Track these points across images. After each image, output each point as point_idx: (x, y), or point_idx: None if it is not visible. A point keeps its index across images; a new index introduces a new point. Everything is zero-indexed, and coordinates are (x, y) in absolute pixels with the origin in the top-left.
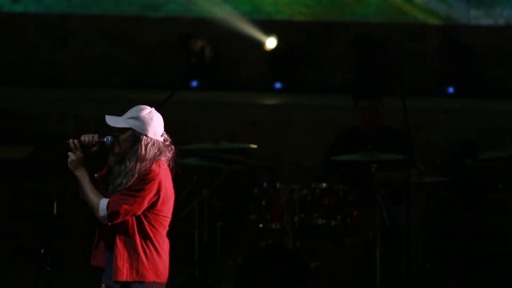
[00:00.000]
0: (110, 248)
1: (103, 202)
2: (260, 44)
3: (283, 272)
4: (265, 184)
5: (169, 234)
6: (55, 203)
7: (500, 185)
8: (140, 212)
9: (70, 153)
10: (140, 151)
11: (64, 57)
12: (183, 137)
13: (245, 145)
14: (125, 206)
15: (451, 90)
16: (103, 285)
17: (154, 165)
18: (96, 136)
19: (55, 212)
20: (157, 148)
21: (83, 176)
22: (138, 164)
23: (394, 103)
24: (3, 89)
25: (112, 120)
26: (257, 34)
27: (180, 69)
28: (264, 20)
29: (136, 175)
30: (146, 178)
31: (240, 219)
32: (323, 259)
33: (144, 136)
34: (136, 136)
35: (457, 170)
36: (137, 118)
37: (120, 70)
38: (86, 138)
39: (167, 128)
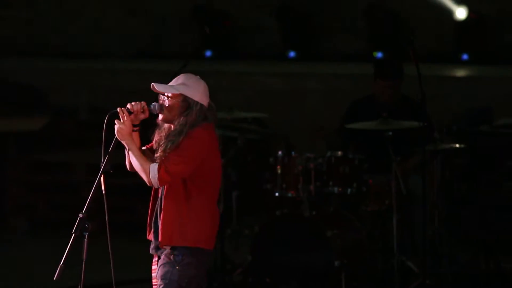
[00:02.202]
0: (158, 217)
1: (154, 165)
2: (274, 13)
3: (299, 240)
4: (280, 153)
5: None
6: (102, 177)
7: None
8: (189, 173)
9: (117, 121)
10: (190, 116)
11: (78, 28)
12: None
13: (259, 114)
14: (175, 167)
15: (465, 57)
16: (155, 255)
17: (200, 128)
18: (143, 103)
19: (103, 187)
20: (204, 113)
21: (131, 144)
22: (187, 128)
23: (409, 71)
24: (18, 61)
25: (162, 87)
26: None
27: (194, 38)
28: None
29: (181, 138)
30: (192, 141)
31: (256, 188)
32: (339, 227)
33: (195, 102)
34: (187, 101)
35: (472, 137)
36: (187, 84)
37: (134, 40)
38: (134, 106)
39: None
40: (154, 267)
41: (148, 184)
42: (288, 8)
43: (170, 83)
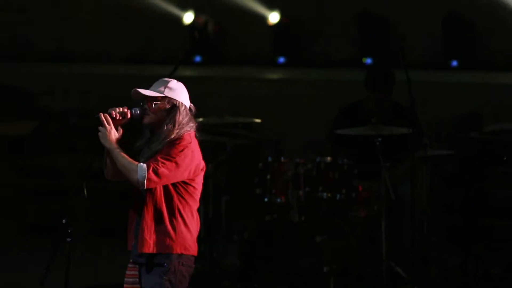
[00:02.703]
0: (140, 223)
1: (142, 165)
2: (264, 19)
3: (288, 246)
4: (270, 158)
5: None
6: (83, 182)
7: (505, 158)
8: (177, 179)
9: (100, 128)
10: (177, 116)
11: (68, 33)
12: None
13: (249, 120)
14: (164, 170)
15: (454, 63)
16: (130, 260)
17: (188, 136)
18: (125, 108)
19: (85, 192)
20: (188, 115)
21: (114, 148)
22: (175, 129)
23: (398, 77)
24: (7, 65)
25: (148, 91)
26: (260, 8)
27: (184, 44)
28: None
29: (169, 139)
30: (179, 145)
31: (245, 194)
32: (328, 233)
33: (180, 103)
34: (172, 103)
35: (461, 143)
36: (171, 87)
37: (123, 45)
38: (116, 111)
39: None
40: (130, 272)
41: (135, 184)
42: (278, 14)
43: (153, 87)
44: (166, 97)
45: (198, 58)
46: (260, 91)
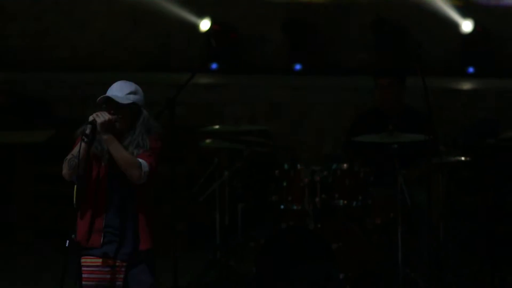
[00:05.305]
0: (110, 222)
1: (143, 161)
2: (279, 26)
3: (304, 253)
4: (286, 166)
5: (190, 216)
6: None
7: None
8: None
9: (101, 116)
10: (148, 122)
11: (84, 41)
12: (203, 119)
13: (265, 127)
14: (155, 165)
15: (471, 70)
16: (117, 261)
17: (159, 137)
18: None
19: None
20: (148, 115)
21: (114, 138)
22: (146, 134)
23: (415, 84)
24: (24, 73)
25: (119, 99)
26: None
27: (200, 51)
28: (283, 2)
29: (148, 141)
30: (158, 142)
31: (261, 201)
32: (344, 240)
33: (143, 107)
34: (139, 110)
35: (478, 149)
36: (136, 92)
37: (140, 53)
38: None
39: (187, 110)
40: (102, 276)
41: (134, 178)
42: (294, 21)
43: (115, 92)
44: (134, 103)
45: (214, 66)
46: (276, 98)
